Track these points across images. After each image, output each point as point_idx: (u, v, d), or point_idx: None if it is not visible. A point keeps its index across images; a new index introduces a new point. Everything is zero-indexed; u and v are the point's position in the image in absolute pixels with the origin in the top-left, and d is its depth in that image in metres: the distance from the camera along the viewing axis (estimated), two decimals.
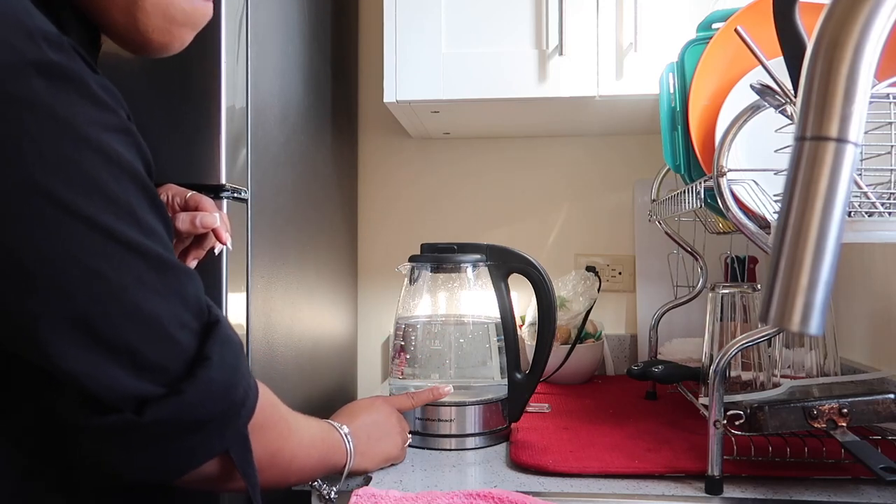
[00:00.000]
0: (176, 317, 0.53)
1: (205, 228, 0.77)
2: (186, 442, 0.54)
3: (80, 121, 0.48)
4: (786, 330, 0.38)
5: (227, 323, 0.57)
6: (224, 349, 0.55)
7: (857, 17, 0.33)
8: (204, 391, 0.53)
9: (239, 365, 0.57)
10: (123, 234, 0.50)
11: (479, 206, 1.60)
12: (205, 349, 0.54)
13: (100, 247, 0.49)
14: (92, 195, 0.48)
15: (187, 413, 0.52)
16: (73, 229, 0.48)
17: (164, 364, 0.52)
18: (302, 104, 1.19)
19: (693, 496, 0.79)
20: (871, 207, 0.68)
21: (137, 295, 0.50)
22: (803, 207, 0.34)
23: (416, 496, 0.74)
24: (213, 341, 0.54)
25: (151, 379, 0.51)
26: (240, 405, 0.56)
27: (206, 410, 0.53)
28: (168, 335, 0.52)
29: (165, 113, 0.86)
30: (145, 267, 0.51)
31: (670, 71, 1.03)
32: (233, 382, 0.55)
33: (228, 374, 0.55)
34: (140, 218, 0.51)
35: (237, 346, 0.57)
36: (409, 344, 1.02)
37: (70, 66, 0.48)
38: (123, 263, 0.50)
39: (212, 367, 0.53)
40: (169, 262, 0.53)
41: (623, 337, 1.55)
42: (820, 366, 1.05)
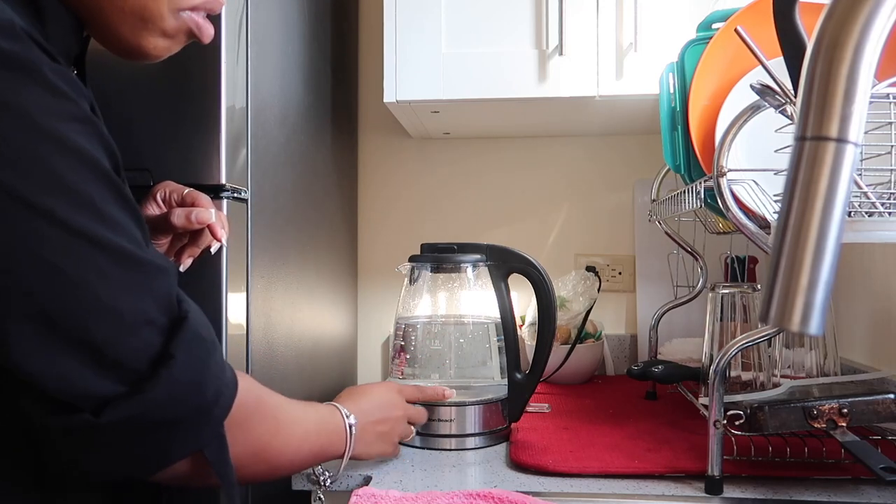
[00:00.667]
0: (141, 312, 0.51)
1: (200, 224, 0.77)
2: (154, 441, 0.52)
3: (35, 111, 0.47)
4: (786, 330, 0.38)
5: (198, 319, 0.55)
6: (191, 347, 0.53)
7: (857, 17, 0.33)
8: (167, 391, 0.51)
9: (208, 363, 0.54)
10: (83, 227, 0.48)
11: (479, 206, 1.60)
12: (170, 347, 0.52)
13: (58, 241, 0.47)
14: (49, 187, 0.47)
15: (150, 414, 0.50)
16: (31, 223, 0.46)
17: (127, 362, 0.50)
18: (302, 104, 1.19)
19: (693, 496, 0.79)
20: (871, 207, 0.68)
21: (99, 290, 0.48)
22: (803, 207, 0.34)
23: (416, 496, 0.74)
24: (180, 339, 0.52)
25: (114, 377, 0.49)
26: (211, 405, 0.54)
27: (172, 411, 0.51)
28: (131, 332, 0.50)
29: (165, 113, 0.86)
30: (108, 261, 0.49)
31: (670, 71, 1.03)
32: (200, 382, 0.53)
33: (195, 374, 0.53)
34: (101, 210, 0.49)
35: (208, 344, 0.55)
36: (409, 344, 1.02)
37: (24, 54, 0.47)
38: (84, 257, 0.48)
39: (175, 366, 0.51)
40: (134, 255, 0.51)
41: (623, 337, 1.55)
42: (820, 366, 1.05)
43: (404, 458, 0.93)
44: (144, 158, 0.85)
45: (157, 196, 0.79)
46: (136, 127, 0.86)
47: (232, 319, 0.88)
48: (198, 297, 0.84)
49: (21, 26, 0.48)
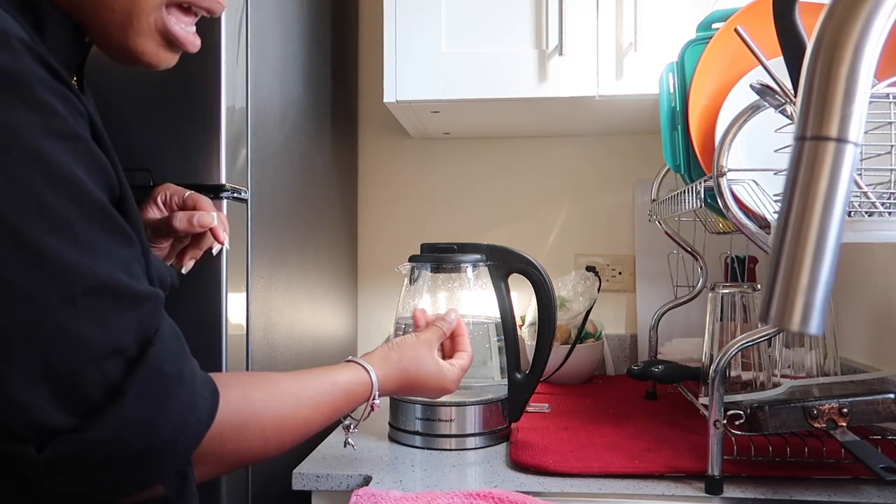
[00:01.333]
0: (107, 343, 0.48)
1: (202, 228, 0.77)
2: (108, 475, 0.50)
3: (16, 126, 0.45)
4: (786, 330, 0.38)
5: (163, 350, 0.52)
6: (147, 384, 0.50)
7: (857, 17, 0.33)
8: (112, 431, 0.48)
9: (166, 402, 0.51)
10: (54, 251, 0.46)
11: (479, 206, 1.60)
12: (123, 383, 0.49)
13: (23, 262, 0.45)
14: (22, 207, 0.45)
15: (94, 453, 0.48)
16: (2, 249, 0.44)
17: (84, 393, 0.48)
18: (302, 104, 1.19)
19: (693, 496, 0.79)
20: (871, 207, 0.68)
21: (64, 318, 0.46)
22: (803, 207, 0.34)
23: (416, 496, 0.74)
24: (136, 374, 0.49)
25: (68, 409, 0.47)
26: (168, 443, 0.51)
27: (119, 449, 0.49)
28: (94, 362, 0.48)
29: (165, 113, 0.86)
30: (79, 287, 0.47)
31: (670, 71, 1.03)
32: (153, 420, 0.50)
33: (147, 412, 0.49)
34: (78, 234, 0.47)
35: (168, 379, 0.51)
36: None
37: (14, 67, 0.45)
38: (49, 281, 0.46)
39: (124, 404, 0.48)
40: (109, 283, 0.49)
41: (623, 337, 1.55)
42: (820, 366, 1.05)
43: (404, 458, 0.93)
44: (144, 158, 0.85)
45: (157, 199, 0.79)
46: (136, 127, 0.86)
47: (232, 319, 0.88)
48: (198, 297, 0.85)
49: (16, 36, 0.46)
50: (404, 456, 0.94)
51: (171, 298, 0.83)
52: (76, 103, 0.50)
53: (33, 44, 0.48)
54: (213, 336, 0.86)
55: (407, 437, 0.99)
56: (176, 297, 0.84)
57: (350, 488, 0.86)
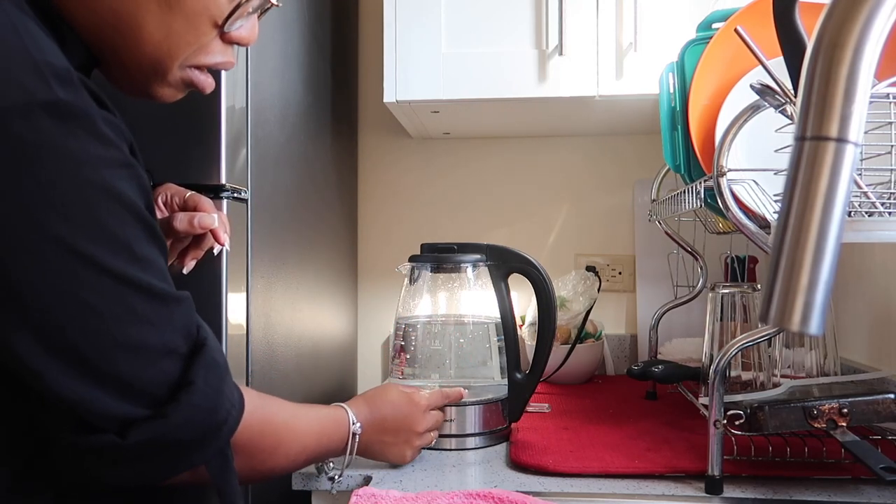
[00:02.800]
0: (164, 344, 0.54)
1: (203, 229, 0.77)
2: (168, 458, 0.55)
3: (84, 160, 0.50)
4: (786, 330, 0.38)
5: (213, 344, 0.59)
6: (208, 373, 0.56)
7: (857, 17, 0.33)
8: (186, 415, 0.54)
9: (222, 388, 0.58)
10: (119, 270, 0.51)
11: (479, 206, 1.60)
12: (189, 374, 0.55)
13: (95, 282, 0.50)
14: (92, 234, 0.50)
15: (170, 435, 0.54)
16: (71, 266, 0.49)
17: (150, 389, 0.54)
18: (302, 104, 1.19)
19: (693, 496, 0.79)
20: (871, 207, 0.68)
21: (128, 327, 0.52)
22: (803, 207, 0.34)
23: (416, 496, 0.74)
24: (199, 366, 0.56)
25: (137, 402, 0.53)
26: (221, 425, 0.58)
27: (188, 432, 0.55)
28: (155, 362, 0.54)
29: (165, 113, 0.86)
30: (138, 299, 0.52)
31: (670, 71, 1.03)
32: (215, 405, 0.57)
33: (210, 399, 0.56)
34: (136, 252, 0.53)
35: (221, 369, 0.59)
36: (409, 344, 1.02)
37: (77, 103, 0.49)
38: (117, 297, 0.51)
39: (195, 391, 0.55)
40: (161, 292, 0.54)
41: (623, 337, 1.55)
42: (820, 366, 1.05)
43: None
44: (144, 159, 0.84)
45: (158, 200, 0.78)
46: (136, 127, 0.85)
47: (232, 319, 0.88)
48: (198, 297, 0.84)
49: (77, 75, 0.50)
50: None
51: None
52: (123, 130, 0.54)
53: (84, 79, 0.52)
54: None
55: None
56: None
57: (350, 488, 0.86)
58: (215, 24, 0.61)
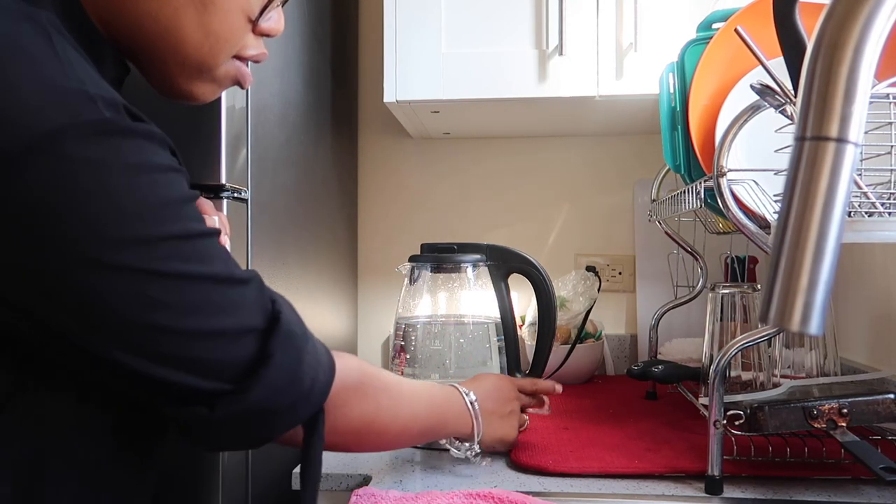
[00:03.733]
0: (242, 326, 0.56)
1: None
2: (261, 424, 0.58)
3: (142, 169, 0.51)
4: (786, 330, 0.38)
5: (288, 315, 0.60)
6: (286, 345, 0.58)
7: (857, 17, 0.33)
8: (267, 387, 0.56)
9: (301, 358, 0.60)
10: (189, 271, 0.53)
11: (479, 206, 1.60)
12: (268, 347, 0.57)
13: (169, 286, 0.52)
14: (159, 244, 0.52)
15: (255, 406, 0.56)
16: (143, 278, 0.51)
17: (232, 368, 0.56)
18: (302, 104, 1.19)
19: (693, 496, 0.79)
20: (871, 207, 0.68)
21: (205, 319, 0.54)
22: (803, 207, 0.34)
23: (416, 496, 0.74)
24: (275, 339, 0.57)
25: (220, 379, 0.55)
26: (307, 393, 0.60)
27: (274, 401, 0.57)
28: (234, 343, 0.56)
29: (166, 113, 0.86)
30: (209, 291, 0.55)
31: (670, 71, 1.03)
32: (295, 376, 0.59)
33: (290, 369, 0.58)
34: (201, 251, 0.55)
35: (299, 339, 0.60)
36: (409, 344, 1.02)
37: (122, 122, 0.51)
38: (190, 295, 0.53)
39: (272, 365, 0.56)
40: (232, 277, 0.57)
41: (623, 337, 1.55)
42: (820, 366, 1.05)
43: (404, 458, 0.93)
44: None
45: None
46: None
47: None
48: None
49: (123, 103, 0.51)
50: (404, 456, 0.94)
51: None
52: (165, 139, 0.56)
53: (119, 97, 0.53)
54: None
55: None
56: None
57: (350, 488, 0.86)
58: (249, 18, 0.63)
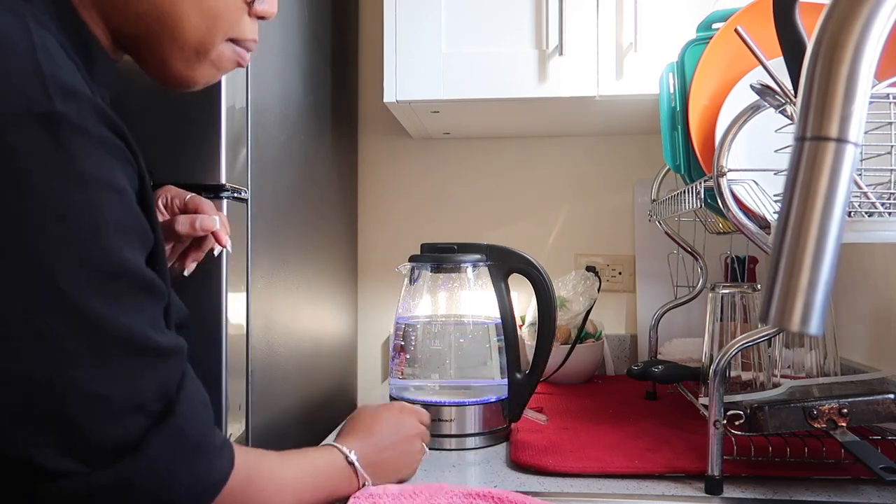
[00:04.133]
0: (131, 399, 0.49)
1: (204, 231, 0.77)
2: None
3: (72, 177, 0.47)
4: (786, 330, 0.38)
5: (188, 413, 0.53)
6: (165, 446, 0.51)
7: (857, 17, 0.33)
8: (120, 484, 0.49)
9: (182, 467, 0.52)
10: (91, 307, 0.47)
11: (479, 206, 1.60)
12: (143, 440, 0.50)
13: (61, 315, 0.46)
14: (67, 259, 0.46)
15: (101, 497, 0.49)
16: (40, 296, 0.46)
17: (100, 446, 0.48)
18: (302, 104, 1.19)
19: (693, 496, 0.79)
20: (871, 207, 0.68)
21: (91, 371, 0.47)
22: (803, 207, 0.34)
23: (416, 489, 0.74)
24: (156, 432, 0.50)
25: (78, 458, 0.48)
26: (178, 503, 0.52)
27: (126, 500, 0.50)
28: (115, 418, 0.49)
29: (165, 113, 0.86)
30: (109, 343, 0.48)
31: (670, 71, 1.03)
32: (164, 484, 0.51)
33: (159, 476, 0.51)
34: (116, 291, 0.49)
35: (189, 444, 0.53)
36: (409, 344, 1.02)
37: (74, 119, 0.47)
38: (85, 335, 0.47)
39: (140, 460, 0.49)
40: (138, 340, 0.50)
41: (623, 337, 1.55)
42: (820, 366, 1.05)
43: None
44: (145, 159, 0.85)
45: (158, 202, 0.79)
46: (136, 127, 0.85)
47: (232, 319, 0.88)
48: (198, 297, 0.85)
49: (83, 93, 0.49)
50: None
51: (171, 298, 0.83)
52: (129, 158, 0.52)
53: (95, 98, 0.50)
54: (213, 336, 0.86)
55: None
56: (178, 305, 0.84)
57: None
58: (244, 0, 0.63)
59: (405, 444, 0.82)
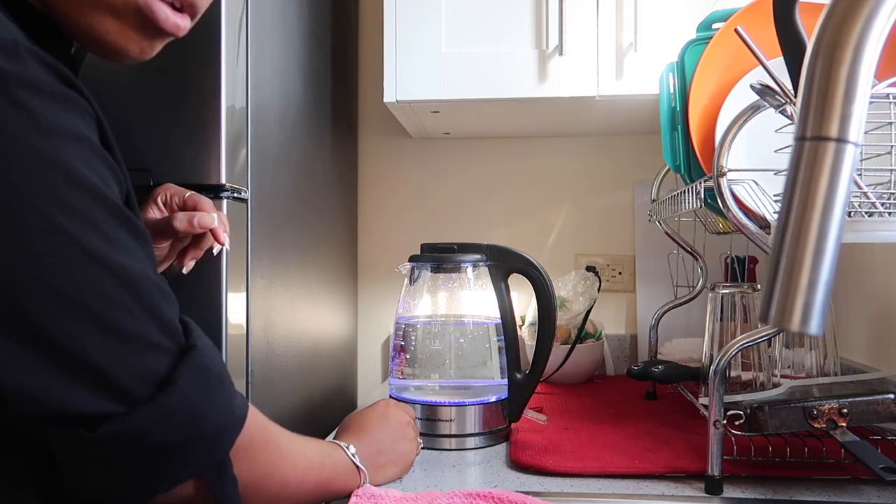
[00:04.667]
0: (144, 335, 0.50)
1: (202, 229, 0.77)
2: (145, 465, 0.50)
3: (30, 130, 0.46)
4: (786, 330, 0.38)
5: (207, 352, 0.54)
6: (195, 377, 0.51)
7: (857, 17, 0.33)
8: (160, 417, 0.49)
9: (210, 396, 0.53)
10: (87, 247, 0.47)
11: (479, 206, 1.60)
12: (173, 374, 0.50)
13: (59, 257, 0.46)
14: (48, 206, 0.45)
15: (140, 436, 0.49)
16: (28, 237, 0.45)
17: (126, 384, 0.49)
18: (302, 104, 1.19)
19: (693, 496, 0.79)
20: (871, 207, 0.68)
21: (101, 312, 0.47)
22: (803, 207, 0.34)
23: (417, 496, 0.74)
24: (185, 367, 0.51)
25: (110, 398, 0.48)
26: (211, 437, 0.53)
27: (165, 437, 0.50)
28: (134, 355, 0.49)
29: (165, 113, 0.86)
30: (112, 281, 0.48)
31: (670, 71, 1.03)
32: (199, 413, 0.52)
33: (194, 404, 0.51)
34: (106, 231, 0.48)
35: (213, 377, 0.53)
36: (409, 344, 1.02)
37: (24, 75, 0.46)
38: (88, 277, 0.47)
39: (174, 392, 0.50)
40: (141, 277, 0.50)
41: (623, 337, 1.55)
42: (820, 366, 1.05)
43: None
44: (144, 158, 0.85)
45: (157, 200, 0.79)
46: (136, 127, 0.86)
47: (232, 319, 0.88)
48: (198, 297, 0.85)
49: (25, 46, 0.46)
50: None
51: None
52: (84, 105, 0.50)
53: (40, 51, 0.48)
54: (213, 336, 0.85)
55: None
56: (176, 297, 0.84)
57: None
58: None
59: (402, 444, 0.83)
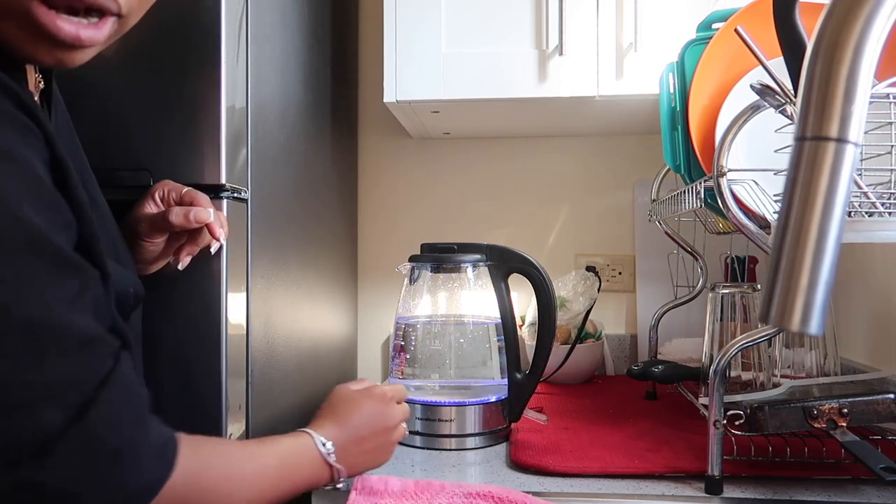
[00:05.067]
0: (32, 387, 0.45)
1: (198, 223, 0.77)
2: None
3: None
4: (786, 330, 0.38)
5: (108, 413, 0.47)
6: (77, 451, 0.45)
7: (857, 17, 0.33)
8: (29, 490, 0.45)
9: (88, 477, 0.46)
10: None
11: (479, 206, 1.60)
12: (54, 443, 0.45)
13: None
14: None
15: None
16: None
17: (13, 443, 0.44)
18: (302, 104, 1.19)
19: (693, 496, 0.79)
20: (871, 207, 0.68)
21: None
22: (803, 207, 0.34)
23: (417, 490, 0.74)
24: (68, 438, 0.45)
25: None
26: None
27: None
28: (19, 409, 0.44)
29: (165, 113, 0.86)
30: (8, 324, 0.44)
31: (670, 71, 1.03)
32: (72, 494, 0.46)
33: (70, 482, 0.46)
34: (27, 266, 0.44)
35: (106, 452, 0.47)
36: (409, 344, 1.02)
37: None
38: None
39: (39, 467, 0.44)
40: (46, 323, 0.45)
41: (623, 337, 1.55)
42: (820, 366, 1.05)
43: (404, 458, 0.93)
44: (144, 158, 0.85)
45: (155, 195, 0.79)
46: (136, 127, 0.86)
47: (232, 319, 0.88)
48: (198, 297, 0.85)
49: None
50: (404, 456, 0.94)
51: (171, 298, 0.83)
52: (31, 127, 0.47)
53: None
54: (213, 336, 0.86)
55: (407, 437, 0.99)
56: (176, 297, 0.84)
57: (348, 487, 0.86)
58: None
59: (383, 435, 0.81)
